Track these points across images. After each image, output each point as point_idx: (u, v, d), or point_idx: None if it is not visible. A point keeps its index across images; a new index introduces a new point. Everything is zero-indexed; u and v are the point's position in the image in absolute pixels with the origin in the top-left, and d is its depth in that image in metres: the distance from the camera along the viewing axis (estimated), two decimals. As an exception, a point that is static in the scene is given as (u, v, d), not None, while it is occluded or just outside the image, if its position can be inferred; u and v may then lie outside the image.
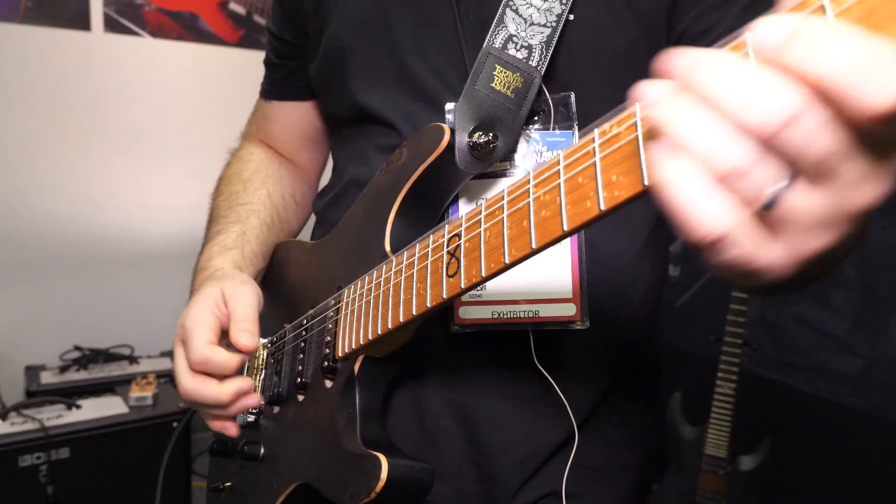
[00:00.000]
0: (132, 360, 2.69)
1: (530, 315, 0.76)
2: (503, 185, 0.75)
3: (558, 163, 0.50)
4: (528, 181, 0.52)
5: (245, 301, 0.82)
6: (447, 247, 0.62)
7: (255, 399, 0.82)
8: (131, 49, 2.85)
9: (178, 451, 2.24)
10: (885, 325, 2.32)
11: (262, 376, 0.96)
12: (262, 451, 0.90)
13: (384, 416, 0.77)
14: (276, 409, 0.90)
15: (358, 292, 0.75)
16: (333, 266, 0.86)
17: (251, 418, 0.95)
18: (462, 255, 0.59)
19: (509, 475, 0.82)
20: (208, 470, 1.08)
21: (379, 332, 0.69)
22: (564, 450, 0.83)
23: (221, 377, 0.80)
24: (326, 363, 0.79)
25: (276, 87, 1.09)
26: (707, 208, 0.33)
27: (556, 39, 0.73)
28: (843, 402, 2.41)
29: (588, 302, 0.75)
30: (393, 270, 0.70)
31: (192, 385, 0.79)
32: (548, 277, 0.73)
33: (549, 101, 0.75)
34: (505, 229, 0.54)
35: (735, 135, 0.32)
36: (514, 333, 0.78)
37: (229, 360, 0.78)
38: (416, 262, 0.66)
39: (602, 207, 0.44)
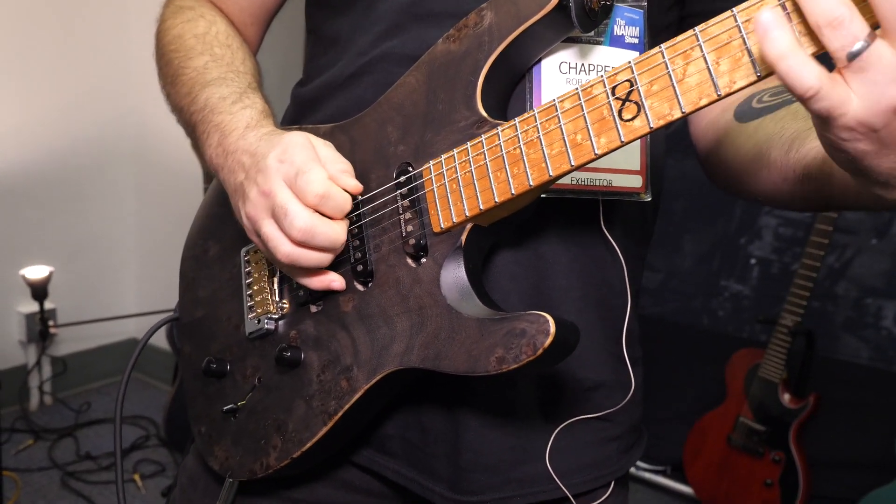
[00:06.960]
0: None
1: (604, 183, 0.79)
2: (597, 49, 0.77)
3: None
4: (734, 16, 0.56)
5: (327, 143, 0.76)
6: (613, 94, 0.62)
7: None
8: None
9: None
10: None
11: (277, 280, 0.87)
12: (303, 355, 0.82)
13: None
14: (316, 308, 0.82)
15: (458, 162, 0.72)
16: (383, 144, 0.80)
17: (269, 325, 0.86)
18: (643, 98, 0.60)
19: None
20: (189, 401, 0.95)
21: (513, 193, 0.68)
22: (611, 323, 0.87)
23: None
24: (414, 241, 0.74)
25: None
26: (806, 71, 0.47)
27: None
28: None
29: (651, 176, 0.81)
30: (520, 131, 0.68)
31: (313, 222, 0.70)
32: (621, 149, 0.76)
33: None
34: (710, 65, 0.57)
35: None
36: (580, 205, 0.80)
37: (347, 198, 0.73)
38: (559, 117, 0.65)
39: None
